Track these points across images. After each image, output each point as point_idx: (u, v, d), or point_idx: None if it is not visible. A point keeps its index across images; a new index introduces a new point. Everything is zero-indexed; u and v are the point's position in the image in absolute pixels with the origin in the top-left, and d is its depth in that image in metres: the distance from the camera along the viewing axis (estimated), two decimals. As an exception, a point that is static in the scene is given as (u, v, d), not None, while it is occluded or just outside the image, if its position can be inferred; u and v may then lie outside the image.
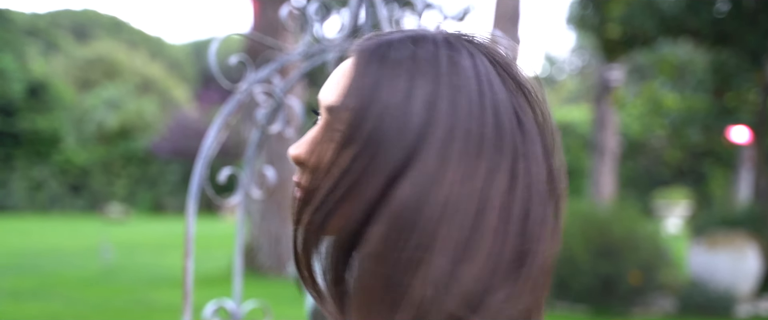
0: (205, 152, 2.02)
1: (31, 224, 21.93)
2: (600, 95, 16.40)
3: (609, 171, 16.31)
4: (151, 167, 28.89)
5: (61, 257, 13.44)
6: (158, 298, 9.30)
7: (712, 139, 13.90)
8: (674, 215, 20.60)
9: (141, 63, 36.05)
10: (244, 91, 2.10)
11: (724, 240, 9.37)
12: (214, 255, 12.50)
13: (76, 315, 8.22)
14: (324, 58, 2.15)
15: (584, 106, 26.30)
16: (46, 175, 27.90)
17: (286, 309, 7.03)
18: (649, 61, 14.57)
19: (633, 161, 21.77)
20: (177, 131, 26.62)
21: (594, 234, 8.56)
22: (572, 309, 8.50)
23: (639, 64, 17.40)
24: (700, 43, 10.52)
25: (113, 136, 29.41)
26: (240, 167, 2.29)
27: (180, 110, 30.47)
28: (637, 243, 8.64)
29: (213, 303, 2.22)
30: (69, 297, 9.32)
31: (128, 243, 16.04)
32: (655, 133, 16.63)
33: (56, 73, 32.06)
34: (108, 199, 27.75)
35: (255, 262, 11.20)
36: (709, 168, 20.11)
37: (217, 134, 2.06)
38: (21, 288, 9.82)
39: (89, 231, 19.22)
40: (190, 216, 1.96)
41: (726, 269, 9.04)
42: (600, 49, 11.78)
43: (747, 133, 12.14)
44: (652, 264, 8.66)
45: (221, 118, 2.07)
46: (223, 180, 2.12)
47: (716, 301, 8.61)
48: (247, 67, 2.13)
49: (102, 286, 10.31)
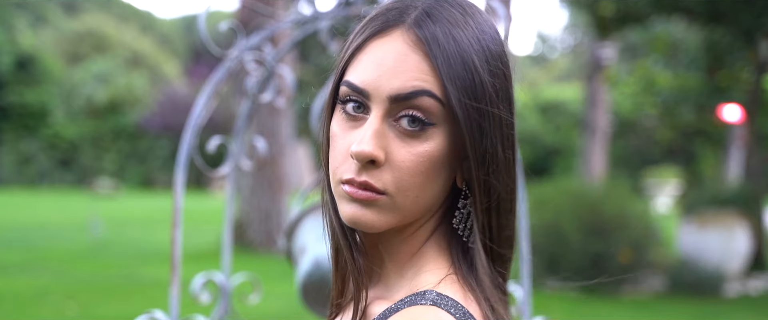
0: (194, 121, 1.96)
1: (20, 198, 21.82)
2: (592, 73, 16.37)
3: (600, 150, 16.31)
4: (140, 142, 28.75)
5: (49, 232, 13.38)
6: (147, 273, 9.26)
7: (704, 118, 13.88)
8: (664, 194, 20.65)
9: (131, 37, 35.74)
10: (234, 58, 2.04)
11: (714, 219, 9.39)
12: (203, 230, 12.46)
13: (64, 289, 8.17)
14: (316, 26, 2.09)
15: (576, 84, 26.27)
16: (34, 149, 27.73)
17: (276, 285, 7.00)
18: (641, 39, 14.51)
19: (624, 140, 21.78)
20: (167, 106, 26.47)
21: (584, 212, 8.55)
22: (562, 287, 8.51)
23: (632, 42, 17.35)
24: (694, 21, 10.47)
25: (103, 111, 29.20)
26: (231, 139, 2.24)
27: (170, 85, 30.28)
28: (628, 222, 8.64)
29: (201, 276, 2.17)
30: (58, 272, 9.28)
31: (118, 218, 15.98)
32: (646, 112, 16.60)
33: (45, 46, 31.76)
34: (97, 174, 27.63)
35: (245, 237, 11.17)
36: (700, 148, 20.13)
37: (207, 103, 2.00)
38: (9, 263, 9.76)
39: (78, 206, 19.13)
40: (178, 186, 1.91)
41: (716, 248, 9.06)
42: (593, 27, 11.73)
43: (739, 112, 12.13)
44: (642, 243, 8.66)
45: (210, 85, 2.01)
46: (212, 149, 2.07)
47: (706, 280, 8.63)
48: (238, 34, 2.07)
49: (91, 261, 10.26)
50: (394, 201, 0.87)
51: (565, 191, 9.05)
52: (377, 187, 0.87)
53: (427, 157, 0.86)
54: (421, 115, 0.86)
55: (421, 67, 0.85)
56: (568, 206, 8.53)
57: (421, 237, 0.93)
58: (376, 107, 0.87)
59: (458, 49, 0.85)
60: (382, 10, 0.91)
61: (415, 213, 0.90)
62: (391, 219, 0.89)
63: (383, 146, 0.86)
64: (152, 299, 7.46)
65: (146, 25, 41.82)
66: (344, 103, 0.90)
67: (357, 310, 0.92)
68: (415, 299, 0.86)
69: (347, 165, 0.88)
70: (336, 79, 0.93)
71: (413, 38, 0.86)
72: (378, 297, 0.94)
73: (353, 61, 0.90)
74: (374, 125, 0.86)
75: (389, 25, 0.89)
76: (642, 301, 8.37)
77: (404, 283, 0.92)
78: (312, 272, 1.90)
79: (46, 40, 33.41)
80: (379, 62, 0.87)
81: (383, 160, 0.86)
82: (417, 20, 0.87)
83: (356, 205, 0.88)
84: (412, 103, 0.85)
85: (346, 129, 0.90)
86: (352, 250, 0.94)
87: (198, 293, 2.13)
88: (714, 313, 7.85)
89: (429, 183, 0.88)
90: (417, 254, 0.93)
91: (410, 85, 0.85)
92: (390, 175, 0.86)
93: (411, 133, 0.86)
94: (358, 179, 0.87)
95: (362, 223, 0.88)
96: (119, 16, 39.51)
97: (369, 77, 0.87)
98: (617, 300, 8.38)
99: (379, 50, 0.88)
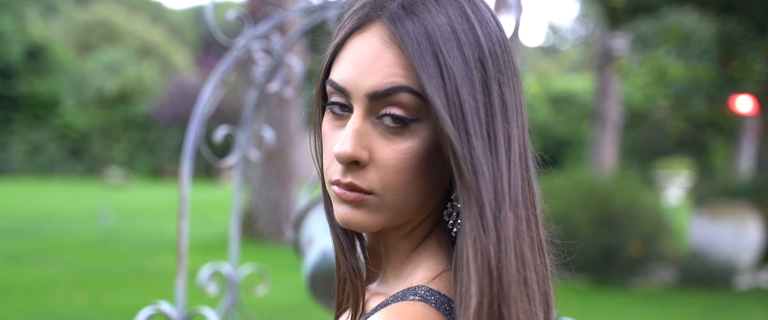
0: (201, 109, 1.94)
1: (30, 188, 21.90)
2: (603, 64, 16.27)
3: (611, 141, 16.23)
4: (150, 132, 28.81)
5: (59, 221, 13.42)
6: (157, 264, 9.28)
7: (716, 109, 13.81)
8: (675, 186, 20.57)
9: (141, 27, 35.80)
10: (241, 47, 2.01)
11: (725, 210, 9.33)
12: (212, 221, 12.48)
13: (73, 279, 8.19)
14: (324, 15, 2.06)
15: (587, 75, 26.16)
16: (45, 139, 27.81)
17: (284, 275, 7.00)
18: (653, 30, 14.41)
19: (635, 131, 21.69)
20: (177, 96, 26.49)
21: (595, 204, 8.51)
22: (572, 278, 8.47)
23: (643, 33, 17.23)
24: (706, 11, 10.40)
25: (113, 101, 29.26)
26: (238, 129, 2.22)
27: (180, 75, 30.31)
28: (638, 214, 8.60)
29: (209, 267, 2.16)
30: (67, 262, 9.30)
31: (127, 208, 16.02)
32: (657, 103, 16.52)
33: (55, 36, 31.82)
34: (107, 164, 27.70)
35: (254, 228, 11.17)
36: (712, 139, 20.04)
37: (214, 92, 1.98)
38: (19, 252, 9.79)
39: (88, 196, 19.19)
40: (184, 177, 1.89)
41: (727, 240, 9.01)
42: (604, 18, 11.65)
43: (751, 103, 12.05)
44: (653, 235, 8.62)
45: (217, 74, 1.98)
46: (219, 139, 2.05)
47: (717, 272, 8.59)
48: (245, 22, 2.04)
49: (100, 251, 10.29)
50: (382, 201, 0.86)
51: (576, 183, 9.01)
52: (363, 188, 0.85)
53: (411, 153, 0.84)
54: (401, 112, 0.83)
55: (397, 62, 0.83)
56: (579, 198, 8.49)
57: (420, 233, 0.92)
58: (357, 105, 0.85)
59: (432, 43, 0.82)
60: (361, 3, 0.89)
61: (408, 211, 0.88)
62: (383, 219, 0.87)
63: (366, 145, 0.84)
64: (161, 289, 7.47)
65: (156, 15, 41.88)
66: (331, 103, 0.89)
67: (356, 309, 0.92)
68: (406, 294, 0.85)
69: (335, 166, 0.87)
70: (321, 77, 0.92)
71: (388, 33, 0.84)
72: (378, 293, 0.94)
73: (336, 59, 0.89)
74: (355, 125, 0.84)
75: (366, 20, 0.87)
76: (652, 293, 8.33)
77: (402, 279, 0.91)
78: (320, 263, 1.88)
79: (56, 30, 33.49)
80: (357, 60, 0.85)
81: (367, 159, 0.84)
82: (392, 14, 0.85)
83: (346, 206, 0.87)
84: (390, 100, 0.83)
85: (334, 128, 0.89)
86: (344, 250, 0.93)
87: (205, 284, 2.12)
88: (725, 306, 7.81)
89: (417, 180, 0.85)
90: (416, 250, 0.92)
91: (387, 82, 0.83)
92: (375, 175, 0.84)
93: (394, 130, 0.84)
94: (344, 180, 0.85)
95: (354, 224, 0.87)
96: (129, 6, 39.56)
97: (348, 75, 0.85)
98: (627, 292, 8.35)
99: (357, 47, 0.86)
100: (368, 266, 0.98)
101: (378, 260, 0.97)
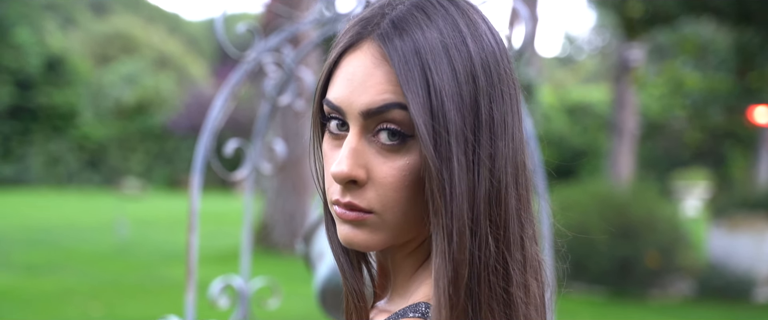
0: (211, 122, 1.93)
1: (48, 199, 22.02)
2: (619, 75, 16.20)
3: (628, 152, 16.14)
4: (167, 143, 28.92)
5: (76, 232, 13.48)
6: (172, 274, 9.29)
7: (734, 119, 13.69)
8: (693, 197, 20.43)
9: (158, 39, 36.01)
10: (252, 59, 2.01)
11: (744, 222, 9.25)
12: (227, 231, 12.49)
13: (90, 290, 8.22)
14: (336, 27, 2.06)
15: (603, 85, 26.06)
16: (63, 150, 27.96)
17: (299, 286, 6.98)
18: (670, 41, 14.33)
19: (652, 142, 21.55)
20: (194, 107, 26.57)
21: (612, 215, 8.46)
22: (589, 290, 8.42)
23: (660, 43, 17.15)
24: (723, 21, 10.32)
25: (130, 112, 29.41)
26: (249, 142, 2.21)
27: (197, 86, 30.44)
28: (656, 225, 8.54)
29: (220, 280, 2.15)
30: (83, 272, 9.33)
31: (144, 219, 16.07)
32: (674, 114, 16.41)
33: (74, 47, 32.04)
34: (124, 175, 27.82)
35: (269, 239, 11.18)
36: (730, 150, 19.88)
37: (224, 105, 1.98)
38: (36, 263, 9.84)
39: (105, 207, 19.27)
40: (194, 190, 1.88)
41: (746, 252, 8.92)
42: (620, 28, 11.59)
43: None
44: (671, 247, 8.56)
45: (228, 87, 1.98)
46: (229, 153, 2.04)
47: (735, 284, 8.51)
48: (256, 35, 2.04)
49: (116, 262, 10.32)
50: (383, 219, 0.85)
51: (592, 193, 8.96)
52: (362, 207, 0.84)
53: (408, 170, 0.83)
54: (397, 127, 0.83)
55: (389, 79, 0.83)
56: (595, 209, 8.44)
57: (424, 251, 0.91)
58: (353, 124, 0.85)
59: (421, 59, 0.81)
60: (355, 20, 0.89)
61: (410, 228, 0.87)
62: (385, 237, 0.86)
63: (363, 164, 0.84)
64: (176, 300, 7.47)
65: (174, 26, 42.14)
66: (328, 122, 0.89)
67: None
68: (407, 311, 0.85)
69: (335, 186, 0.86)
70: (318, 96, 0.91)
71: (379, 51, 0.84)
72: (384, 311, 0.94)
73: (332, 77, 0.88)
74: (351, 144, 0.84)
75: (358, 39, 0.86)
76: (670, 306, 8.26)
77: (407, 297, 0.91)
78: (330, 277, 1.87)
79: (75, 42, 33.73)
80: (350, 78, 0.85)
81: (364, 178, 0.84)
82: (382, 31, 0.84)
83: (347, 226, 0.86)
84: (384, 117, 0.83)
85: (333, 148, 0.88)
86: (345, 271, 0.93)
87: (216, 298, 2.11)
88: (744, 318, 7.73)
89: (417, 197, 0.84)
90: (421, 267, 0.91)
91: (380, 99, 0.82)
92: (374, 193, 0.84)
93: (390, 147, 0.83)
94: (343, 200, 0.85)
95: (356, 244, 0.87)
96: (147, 18, 39.84)
97: (342, 94, 0.85)
98: (645, 304, 8.28)
99: (350, 65, 0.85)
100: (375, 285, 0.98)
101: (387, 279, 0.97)
